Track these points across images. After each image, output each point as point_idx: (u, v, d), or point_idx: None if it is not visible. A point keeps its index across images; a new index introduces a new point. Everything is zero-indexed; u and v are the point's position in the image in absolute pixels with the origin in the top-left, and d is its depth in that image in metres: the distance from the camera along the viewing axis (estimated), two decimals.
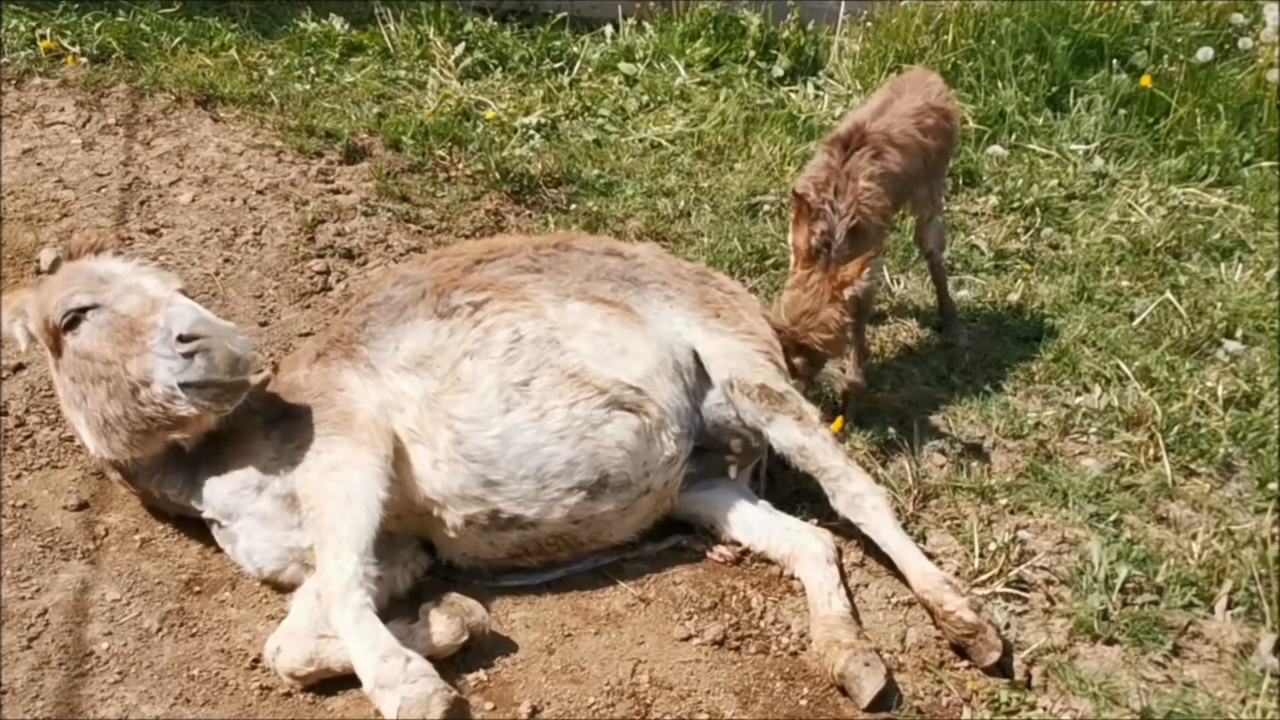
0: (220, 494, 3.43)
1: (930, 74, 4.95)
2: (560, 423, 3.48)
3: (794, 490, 4.07)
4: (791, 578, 3.71)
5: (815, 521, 3.87)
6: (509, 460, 3.43)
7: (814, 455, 3.71)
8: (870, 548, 3.80)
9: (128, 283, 3.36)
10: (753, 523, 3.81)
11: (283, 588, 3.46)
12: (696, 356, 3.87)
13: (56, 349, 3.41)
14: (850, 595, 3.61)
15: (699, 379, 3.87)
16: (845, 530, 3.89)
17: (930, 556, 3.82)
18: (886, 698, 3.24)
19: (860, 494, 3.67)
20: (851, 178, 4.13)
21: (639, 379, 3.63)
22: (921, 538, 3.89)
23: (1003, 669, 3.39)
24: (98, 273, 3.42)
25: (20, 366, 4.17)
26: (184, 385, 3.16)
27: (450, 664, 3.18)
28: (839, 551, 3.73)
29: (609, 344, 3.65)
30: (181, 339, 3.13)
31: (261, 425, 3.47)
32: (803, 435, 3.72)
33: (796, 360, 4.07)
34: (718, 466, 3.89)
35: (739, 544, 3.81)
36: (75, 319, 3.30)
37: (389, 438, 3.40)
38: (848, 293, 3.98)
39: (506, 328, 3.57)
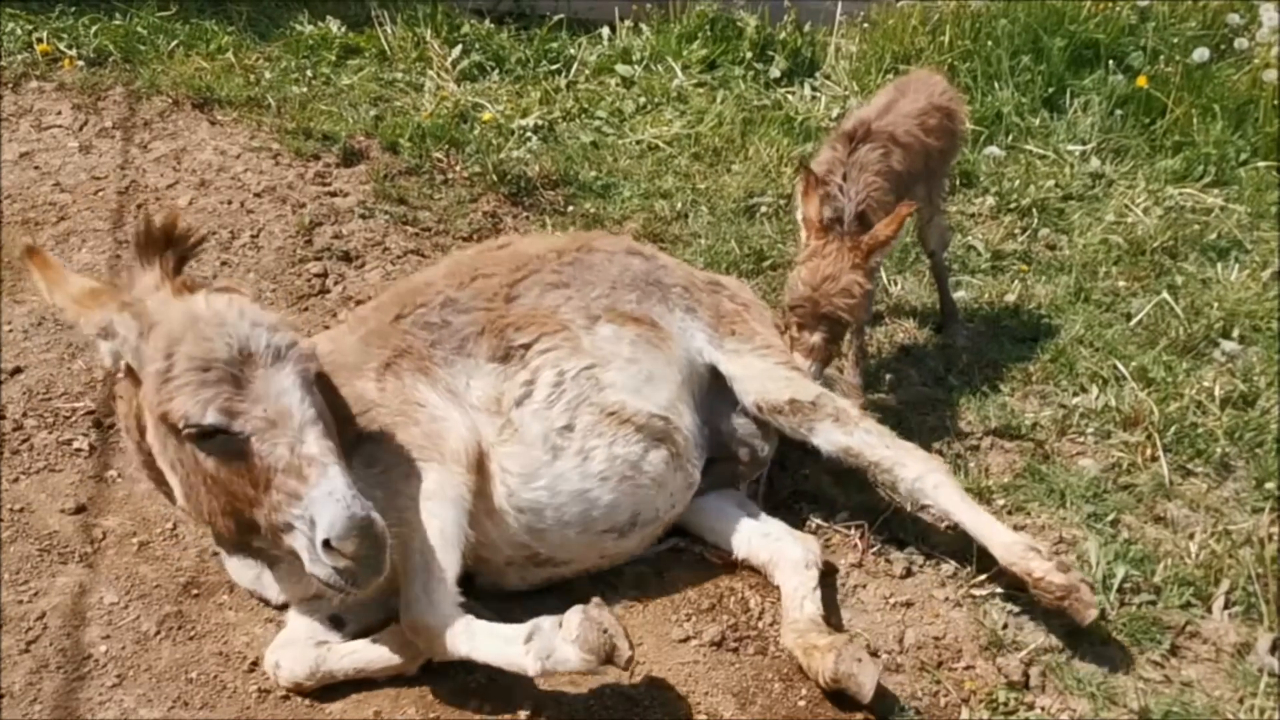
0: None
1: (935, 74, 4.96)
2: (602, 464, 3.48)
3: (792, 491, 4.07)
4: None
5: (815, 523, 3.88)
6: (555, 509, 3.43)
7: (861, 453, 3.70)
8: (882, 538, 3.81)
9: (278, 410, 2.74)
10: (735, 531, 3.79)
11: None
12: (712, 369, 3.88)
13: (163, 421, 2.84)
14: (824, 601, 3.56)
15: (712, 394, 3.89)
16: (843, 533, 3.91)
17: (928, 557, 3.83)
18: (886, 692, 3.24)
19: (919, 477, 3.63)
20: (862, 169, 4.15)
21: (665, 406, 3.65)
22: (920, 538, 3.90)
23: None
24: (234, 357, 2.75)
25: (18, 370, 4.17)
26: (316, 575, 2.78)
27: (450, 666, 3.18)
28: (820, 557, 3.68)
29: (639, 371, 3.64)
30: (328, 545, 2.68)
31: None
32: (845, 436, 3.71)
33: (816, 337, 3.95)
34: (724, 477, 3.89)
35: (724, 552, 3.80)
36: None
37: (476, 464, 3.30)
38: (876, 258, 3.97)
39: (551, 369, 3.52)
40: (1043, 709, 3.29)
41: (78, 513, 3.66)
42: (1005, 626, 3.56)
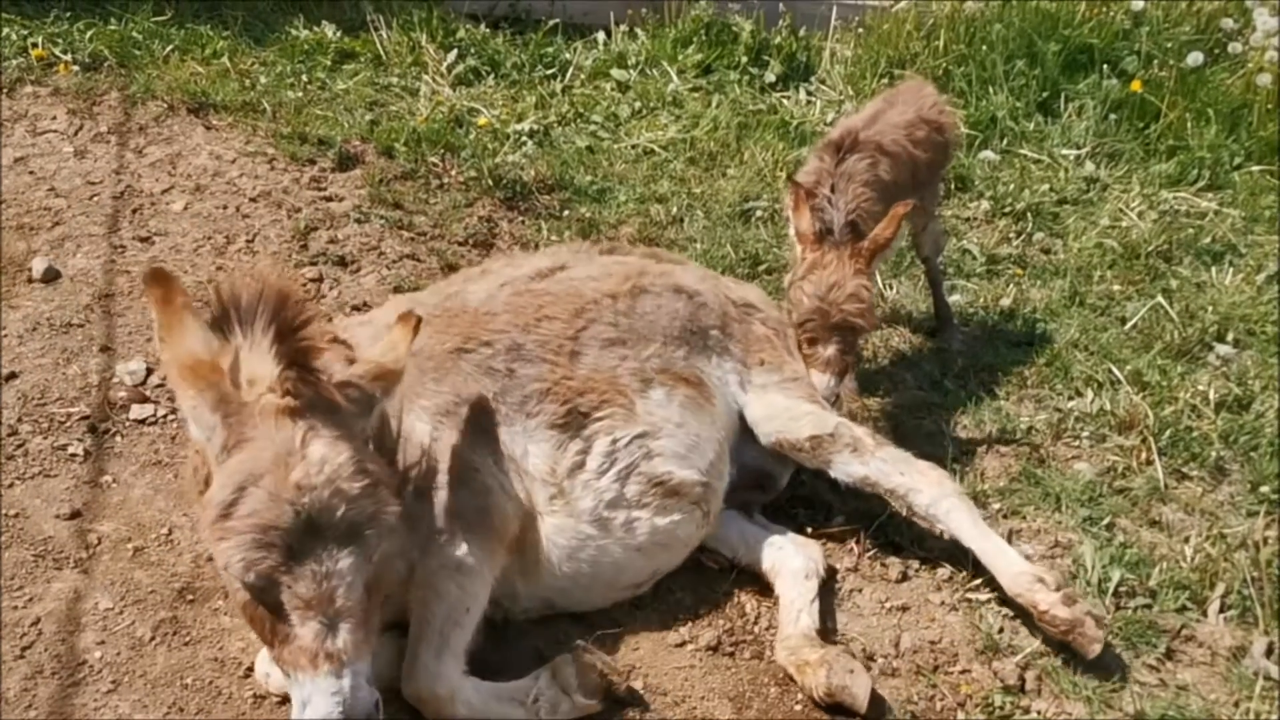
0: None
1: (926, 85, 4.97)
2: (644, 537, 3.48)
3: (789, 497, 4.07)
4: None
5: (810, 529, 3.88)
6: (592, 578, 3.43)
7: (877, 482, 3.71)
8: (878, 543, 3.82)
9: (321, 594, 2.53)
10: (739, 538, 3.79)
11: None
12: (741, 415, 3.89)
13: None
14: (825, 611, 3.58)
15: (740, 436, 3.89)
16: (840, 537, 3.90)
17: (924, 561, 3.83)
18: (879, 698, 3.24)
19: (932, 503, 3.65)
20: (850, 179, 4.14)
21: (707, 471, 3.64)
22: (916, 542, 3.90)
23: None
24: (298, 527, 2.51)
25: (13, 375, 4.16)
26: None
27: None
28: (822, 566, 3.69)
29: (686, 436, 3.62)
30: None
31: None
32: (862, 467, 3.71)
33: (830, 350, 3.93)
34: (734, 501, 3.88)
35: (721, 556, 3.80)
36: None
37: (518, 542, 3.28)
38: (877, 261, 3.96)
39: (606, 436, 3.48)
40: (1039, 713, 3.29)
41: (73, 518, 3.65)
42: (1001, 630, 3.56)
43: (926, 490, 3.66)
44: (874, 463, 3.70)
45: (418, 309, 3.38)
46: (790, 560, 3.68)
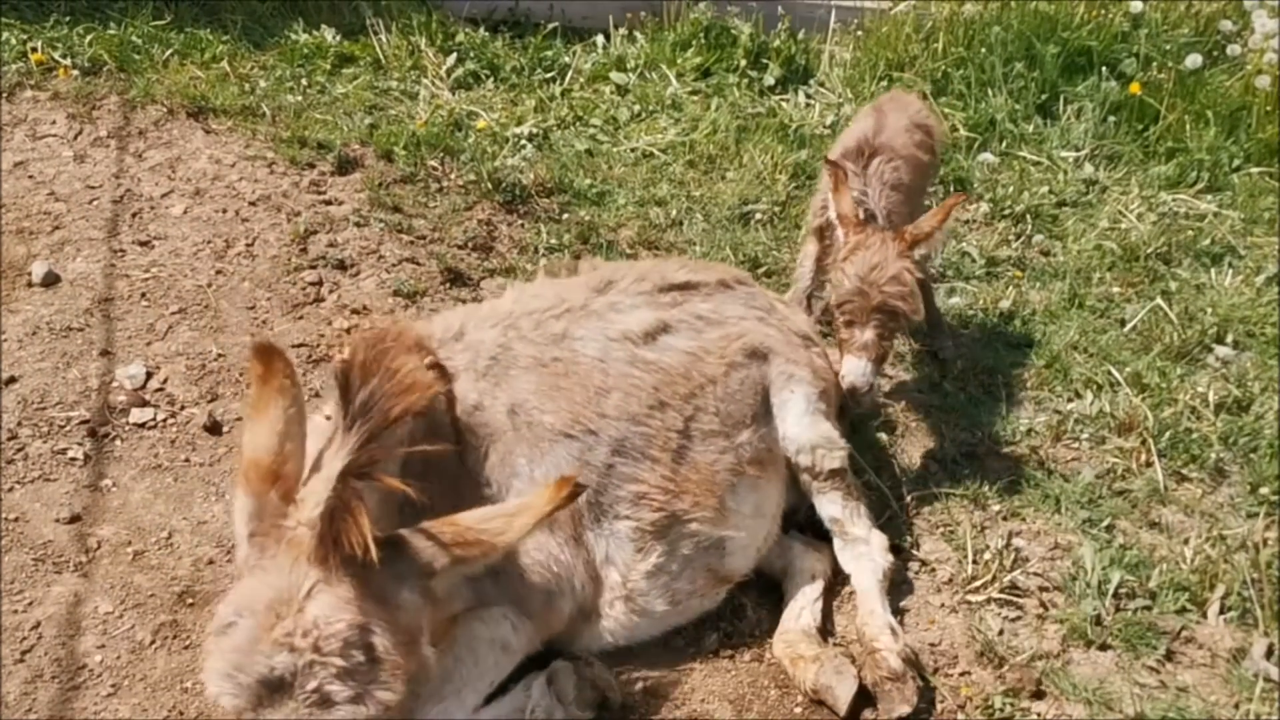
0: None
1: (907, 94, 5.01)
2: (684, 618, 3.50)
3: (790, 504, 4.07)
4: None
5: (809, 532, 3.88)
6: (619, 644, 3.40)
7: (843, 523, 3.72)
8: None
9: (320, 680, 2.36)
10: None
11: None
12: None
13: None
14: (826, 613, 3.60)
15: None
16: None
17: (924, 564, 3.84)
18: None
19: (864, 553, 3.67)
20: (882, 183, 4.15)
21: (758, 552, 3.65)
22: (915, 545, 3.91)
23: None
24: (269, 680, 2.34)
25: (12, 379, 4.16)
26: None
27: None
28: (830, 568, 3.72)
29: (753, 529, 3.58)
30: None
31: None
32: (842, 510, 3.73)
33: (869, 334, 3.81)
34: None
35: None
36: None
37: (551, 638, 3.24)
38: (920, 250, 3.89)
39: (691, 539, 3.41)
40: (1039, 715, 3.29)
41: (72, 522, 3.65)
42: (1001, 633, 3.56)
43: (874, 544, 3.70)
44: (849, 508, 3.73)
45: (517, 338, 3.36)
46: (798, 560, 3.72)
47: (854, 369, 3.82)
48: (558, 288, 3.75)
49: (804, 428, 3.71)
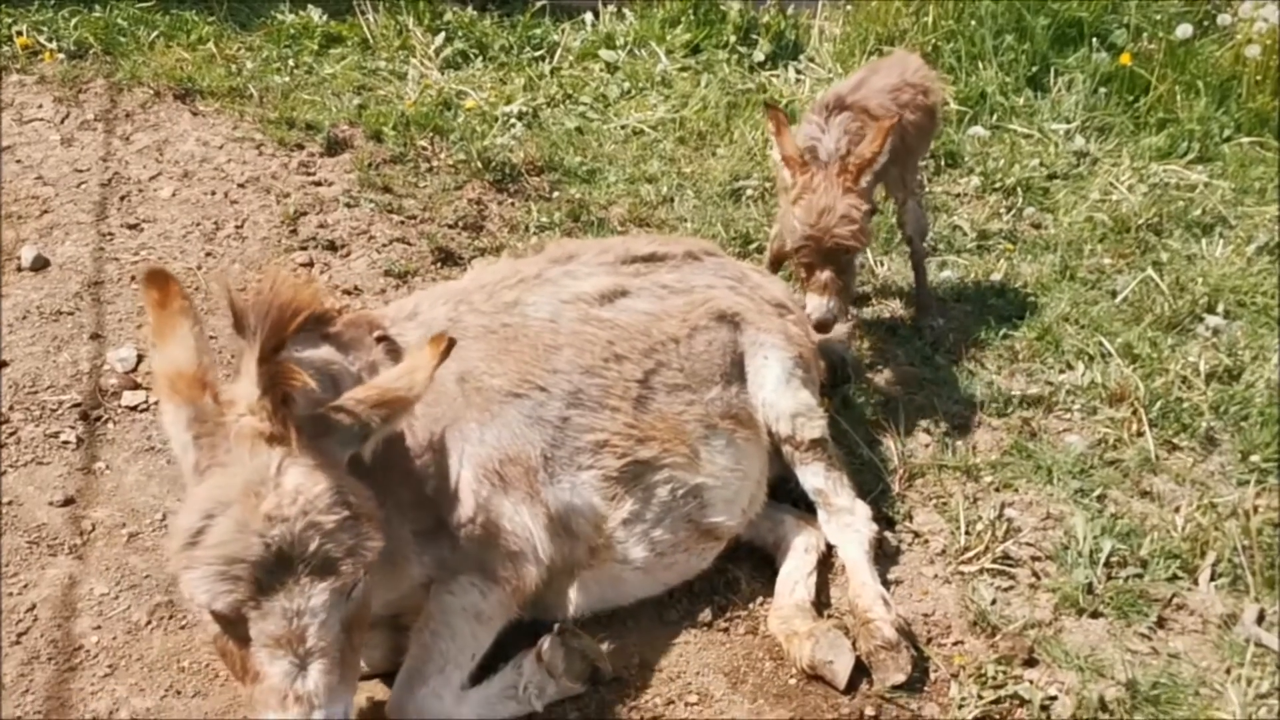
0: None
1: (912, 55, 4.97)
2: (675, 573, 3.51)
3: (779, 475, 4.07)
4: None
5: (802, 506, 3.89)
6: (606, 602, 3.42)
7: (827, 494, 3.74)
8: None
9: (291, 632, 2.37)
10: None
11: None
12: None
13: None
14: (820, 586, 3.61)
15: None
16: None
17: (917, 535, 3.86)
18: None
19: (849, 524, 3.70)
20: (843, 132, 4.19)
21: (747, 508, 3.66)
22: (908, 516, 3.92)
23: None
24: (267, 560, 2.36)
25: (4, 363, 4.15)
26: None
27: None
28: (822, 542, 3.73)
29: (737, 483, 3.59)
30: None
31: (413, 542, 3.03)
32: (825, 481, 3.75)
33: (826, 274, 3.96)
34: None
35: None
36: None
37: (528, 601, 3.21)
38: (866, 177, 3.97)
39: (665, 486, 3.41)
40: (1031, 682, 3.31)
41: (66, 505, 3.65)
42: (994, 602, 3.58)
43: (858, 514, 3.72)
44: (832, 478, 3.75)
45: (468, 311, 3.36)
46: (789, 535, 3.73)
47: (817, 305, 4.00)
48: (517, 264, 3.76)
49: (781, 395, 3.73)
